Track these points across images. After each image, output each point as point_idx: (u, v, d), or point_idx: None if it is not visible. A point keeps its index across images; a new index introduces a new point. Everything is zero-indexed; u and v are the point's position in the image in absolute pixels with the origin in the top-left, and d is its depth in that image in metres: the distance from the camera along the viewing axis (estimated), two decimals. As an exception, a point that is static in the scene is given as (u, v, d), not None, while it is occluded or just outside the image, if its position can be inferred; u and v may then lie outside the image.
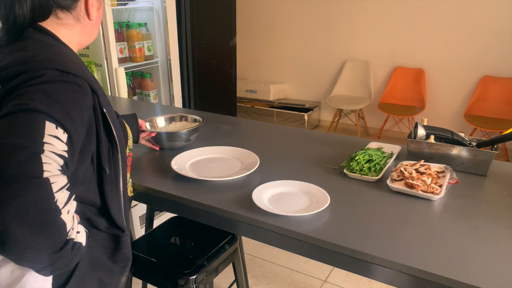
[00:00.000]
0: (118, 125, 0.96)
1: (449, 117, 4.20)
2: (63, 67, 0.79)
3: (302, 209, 1.07)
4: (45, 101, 0.73)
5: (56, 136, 0.72)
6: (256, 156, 1.34)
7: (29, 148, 0.68)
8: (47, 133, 0.71)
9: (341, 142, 1.57)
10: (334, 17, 4.53)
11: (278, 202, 1.10)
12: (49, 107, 0.73)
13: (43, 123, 0.71)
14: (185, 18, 3.16)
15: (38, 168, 0.68)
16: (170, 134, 1.48)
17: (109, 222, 0.92)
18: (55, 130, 0.72)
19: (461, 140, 1.34)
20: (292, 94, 5.10)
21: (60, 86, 0.77)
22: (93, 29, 0.97)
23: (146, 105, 2.53)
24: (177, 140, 1.48)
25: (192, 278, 1.30)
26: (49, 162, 0.70)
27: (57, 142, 0.72)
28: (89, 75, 0.85)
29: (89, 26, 0.95)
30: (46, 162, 0.69)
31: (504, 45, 3.76)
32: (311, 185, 1.17)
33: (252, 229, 1.05)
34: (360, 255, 0.90)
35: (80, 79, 0.80)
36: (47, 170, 0.69)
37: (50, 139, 0.71)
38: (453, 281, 0.81)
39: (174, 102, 3.26)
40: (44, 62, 0.79)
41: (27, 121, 0.71)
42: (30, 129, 0.70)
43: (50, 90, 0.75)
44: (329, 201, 1.07)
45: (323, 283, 2.19)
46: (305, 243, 0.97)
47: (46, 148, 0.70)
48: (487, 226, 1.00)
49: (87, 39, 0.97)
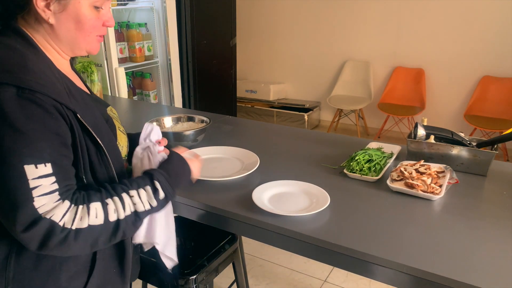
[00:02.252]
0: (102, 125, 0.92)
1: (449, 117, 4.20)
2: (20, 82, 0.74)
3: (302, 209, 1.07)
4: (11, 139, 0.73)
5: (39, 176, 0.75)
6: (256, 156, 1.34)
7: (24, 206, 0.73)
8: (30, 178, 0.74)
9: (341, 142, 1.57)
10: (334, 17, 4.53)
11: (278, 202, 1.10)
12: (18, 144, 0.73)
13: (23, 170, 0.73)
14: (185, 18, 3.16)
15: (34, 213, 0.74)
16: (177, 134, 1.48)
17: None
18: (35, 171, 0.74)
19: (461, 140, 1.34)
20: (292, 94, 5.10)
21: (19, 108, 0.73)
22: (65, 34, 0.88)
23: (146, 105, 2.54)
24: (184, 141, 1.48)
25: (192, 278, 1.30)
26: (43, 202, 0.75)
27: (44, 180, 0.75)
28: (52, 88, 0.79)
29: (56, 31, 0.86)
30: (40, 205, 0.74)
31: (504, 45, 3.76)
32: (311, 185, 1.17)
33: (252, 229, 1.05)
34: (360, 255, 0.90)
35: (37, 96, 0.75)
36: (44, 208, 0.75)
37: (36, 182, 0.74)
38: (453, 281, 0.81)
39: (174, 102, 3.26)
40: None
41: (6, 171, 0.73)
42: (13, 180, 0.73)
43: (11, 118, 0.73)
44: (329, 201, 1.07)
45: (323, 283, 2.19)
46: (305, 243, 0.97)
47: (35, 194, 0.74)
48: (487, 226, 1.00)
49: (66, 46, 0.90)
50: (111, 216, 0.82)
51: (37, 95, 0.75)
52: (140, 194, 0.87)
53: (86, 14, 0.86)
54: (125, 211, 0.84)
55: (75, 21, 0.86)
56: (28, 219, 0.73)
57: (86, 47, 0.92)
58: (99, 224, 0.81)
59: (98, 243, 0.82)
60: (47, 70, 0.84)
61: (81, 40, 0.89)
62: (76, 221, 0.78)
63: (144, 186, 0.88)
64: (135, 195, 0.86)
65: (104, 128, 0.92)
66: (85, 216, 0.79)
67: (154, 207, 0.88)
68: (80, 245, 0.79)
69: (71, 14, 0.85)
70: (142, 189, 0.88)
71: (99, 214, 0.81)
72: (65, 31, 0.87)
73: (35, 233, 0.74)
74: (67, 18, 0.85)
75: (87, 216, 0.80)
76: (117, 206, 0.84)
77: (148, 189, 0.88)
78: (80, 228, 0.78)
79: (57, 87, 0.81)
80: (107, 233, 0.82)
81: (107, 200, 0.83)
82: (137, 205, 0.86)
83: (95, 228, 0.80)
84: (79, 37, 0.89)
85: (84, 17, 0.86)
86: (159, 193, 0.89)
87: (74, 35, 0.88)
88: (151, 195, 0.88)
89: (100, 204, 0.82)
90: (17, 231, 0.73)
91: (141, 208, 0.86)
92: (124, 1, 3.02)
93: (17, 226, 0.73)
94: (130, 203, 0.85)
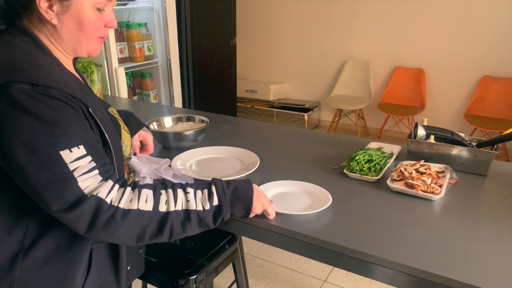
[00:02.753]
0: (108, 122, 0.94)
1: (449, 117, 4.20)
2: (33, 79, 0.77)
3: (304, 208, 1.07)
4: (40, 130, 0.75)
5: (76, 159, 0.77)
6: (256, 156, 1.34)
7: (69, 188, 0.77)
8: (68, 161, 0.76)
9: (341, 142, 1.57)
10: (334, 17, 4.53)
11: (280, 202, 1.10)
12: (48, 134, 0.75)
13: (60, 156, 0.76)
14: (185, 18, 3.16)
15: (80, 192, 0.77)
16: (177, 134, 1.48)
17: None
18: (71, 154, 0.77)
19: (461, 140, 1.34)
20: (292, 94, 5.10)
21: (38, 101, 0.76)
22: (67, 35, 0.88)
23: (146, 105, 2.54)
24: (184, 141, 1.48)
25: (192, 278, 1.30)
26: (87, 184, 0.78)
27: (81, 162, 0.78)
28: (64, 83, 0.81)
29: (59, 32, 0.87)
30: (85, 186, 0.77)
31: (504, 45, 3.76)
32: (312, 185, 1.17)
33: (252, 229, 1.05)
34: (360, 255, 0.90)
35: (51, 91, 0.77)
36: (89, 188, 0.78)
37: (74, 165, 0.77)
38: (453, 281, 0.81)
39: (174, 102, 3.26)
40: (4, 74, 0.76)
41: (45, 160, 0.76)
42: (53, 169, 0.76)
43: (34, 111, 0.75)
44: (331, 200, 1.07)
45: (323, 283, 2.19)
46: (305, 243, 0.97)
47: (76, 175, 0.77)
48: (487, 226, 1.00)
49: (69, 47, 0.90)
50: (161, 206, 0.84)
51: (51, 90, 0.77)
52: (196, 193, 0.89)
53: (88, 15, 0.87)
54: (176, 205, 0.85)
55: (77, 22, 0.87)
56: (73, 198, 0.76)
57: (87, 48, 0.92)
58: (147, 210, 0.82)
59: (145, 235, 0.82)
60: (56, 68, 0.86)
61: (82, 41, 0.90)
62: (124, 201, 0.80)
63: (202, 188, 0.90)
64: (191, 192, 0.88)
65: (110, 125, 0.94)
66: (135, 199, 0.81)
67: (206, 209, 0.88)
68: (127, 229, 0.80)
69: (74, 15, 0.86)
70: (199, 190, 0.90)
71: (149, 200, 0.83)
72: (67, 32, 0.88)
73: (83, 212, 0.76)
74: (70, 19, 0.86)
75: (137, 199, 0.81)
76: (169, 198, 0.85)
77: (205, 191, 0.90)
78: (129, 209, 0.80)
79: (68, 82, 0.83)
80: (155, 224, 0.82)
81: (161, 190, 0.86)
82: (190, 202, 0.87)
83: (143, 214, 0.81)
84: (80, 38, 0.89)
85: (86, 18, 0.87)
86: (214, 197, 0.90)
87: (76, 36, 0.89)
88: (206, 197, 0.89)
89: (152, 192, 0.84)
90: (64, 211, 0.76)
91: (193, 206, 0.86)
92: (124, 1, 3.02)
93: (64, 206, 0.76)
94: (183, 198, 0.87)
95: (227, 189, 0.93)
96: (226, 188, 0.93)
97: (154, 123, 1.57)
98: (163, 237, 0.84)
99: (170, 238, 0.85)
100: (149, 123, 1.56)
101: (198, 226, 0.88)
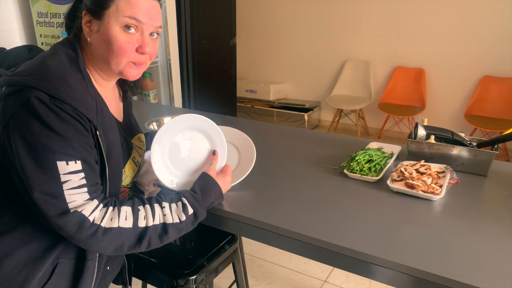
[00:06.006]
0: (116, 149, 0.96)
1: (449, 117, 4.20)
2: (53, 92, 0.82)
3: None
4: (46, 137, 0.80)
5: (70, 172, 0.82)
6: (253, 151, 1.27)
7: (56, 197, 0.81)
8: (61, 173, 0.81)
9: (341, 142, 1.57)
10: (334, 17, 4.53)
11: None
12: (52, 142, 0.80)
13: (55, 165, 0.80)
14: (185, 18, 3.16)
15: (64, 206, 0.81)
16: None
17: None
18: (66, 167, 0.81)
19: (461, 140, 1.34)
20: (292, 94, 5.10)
21: (51, 112, 0.81)
22: (99, 54, 0.92)
23: (146, 105, 2.53)
24: None
25: (192, 278, 1.30)
26: (73, 199, 0.82)
27: (73, 176, 0.82)
28: (82, 102, 0.85)
29: (93, 50, 0.93)
30: (71, 200, 0.82)
31: (505, 45, 3.75)
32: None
33: (252, 229, 1.05)
34: (360, 255, 0.90)
35: (66, 106, 0.82)
36: (74, 203, 0.82)
37: (66, 177, 0.81)
38: (453, 281, 0.80)
39: (174, 102, 3.26)
40: (32, 80, 0.82)
41: (41, 165, 0.80)
42: (46, 175, 0.80)
43: (46, 119, 0.80)
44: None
45: (323, 283, 2.19)
46: (305, 243, 0.97)
47: (65, 187, 0.81)
48: (487, 226, 1.00)
49: (101, 66, 0.94)
50: (140, 221, 0.89)
51: (66, 106, 0.82)
52: (171, 206, 0.94)
53: (115, 35, 0.88)
54: (154, 219, 0.90)
55: (105, 41, 0.89)
56: (58, 209, 0.81)
57: (117, 69, 0.92)
58: (128, 227, 0.87)
59: (123, 247, 0.87)
60: (82, 86, 0.88)
61: (111, 61, 0.91)
62: (105, 220, 0.85)
63: (176, 201, 0.95)
64: (166, 206, 0.93)
65: (117, 152, 0.96)
66: (115, 217, 0.86)
67: (182, 221, 0.94)
68: (107, 243, 0.85)
69: (103, 34, 0.89)
70: (173, 203, 0.95)
71: (129, 217, 0.87)
72: (99, 51, 0.91)
73: (65, 224, 0.81)
74: (101, 37, 0.90)
75: (117, 218, 0.86)
76: (147, 213, 0.90)
77: (179, 204, 0.95)
78: (110, 227, 0.85)
79: (88, 102, 0.87)
80: (134, 238, 0.88)
81: (138, 206, 0.90)
82: (167, 216, 0.92)
83: (124, 231, 0.86)
84: (109, 58, 0.91)
85: (113, 37, 0.88)
86: (188, 208, 0.95)
87: (105, 55, 0.91)
88: (180, 209, 0.94)
89: (131, 208, 0.89)
90: (50, 216, 0.81)
91: (169, 220, 0.92)
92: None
93: (50, 212, 0.81)
94: (160, 213, 0.92)
95: (196, 194, 0.99)
96: (194, 193, 0.99)
97: (154, 123, 1.56)
98: (141, 249, 0.90)
99: (147, 248, 0.90)
100: (149, 123, 1.56)
101: (178, 235, 0.94)
